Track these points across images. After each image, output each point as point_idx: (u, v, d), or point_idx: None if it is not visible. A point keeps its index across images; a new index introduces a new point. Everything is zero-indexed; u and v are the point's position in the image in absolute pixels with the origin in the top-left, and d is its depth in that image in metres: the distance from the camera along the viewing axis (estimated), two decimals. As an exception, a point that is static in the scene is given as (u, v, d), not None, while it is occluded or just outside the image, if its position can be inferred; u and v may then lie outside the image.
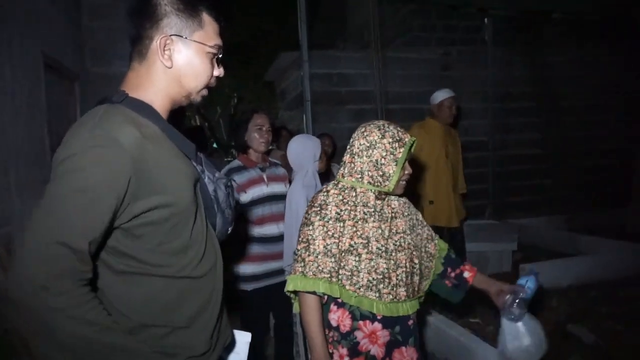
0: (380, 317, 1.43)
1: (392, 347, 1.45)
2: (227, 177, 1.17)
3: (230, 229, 1.15)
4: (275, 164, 2.43)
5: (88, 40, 3.89)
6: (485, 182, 5.32)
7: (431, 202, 3.43)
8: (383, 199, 1.48)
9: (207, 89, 1.06)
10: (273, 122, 2.45)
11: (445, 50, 5.36)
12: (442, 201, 3.42)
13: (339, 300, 1.42)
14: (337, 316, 1.44)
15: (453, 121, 3.58)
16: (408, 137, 1.46)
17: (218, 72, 1.05)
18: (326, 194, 1.45)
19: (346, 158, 1.50)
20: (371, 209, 1.44)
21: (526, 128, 5.63)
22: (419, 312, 1.55)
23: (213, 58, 1.03)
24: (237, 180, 2.22)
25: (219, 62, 1.06)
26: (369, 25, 4.92)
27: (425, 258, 1.60)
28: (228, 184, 1.14)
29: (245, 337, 1.29)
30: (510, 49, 5.54)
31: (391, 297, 1.41)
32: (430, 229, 1.67)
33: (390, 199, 1.51)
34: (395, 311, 1.42)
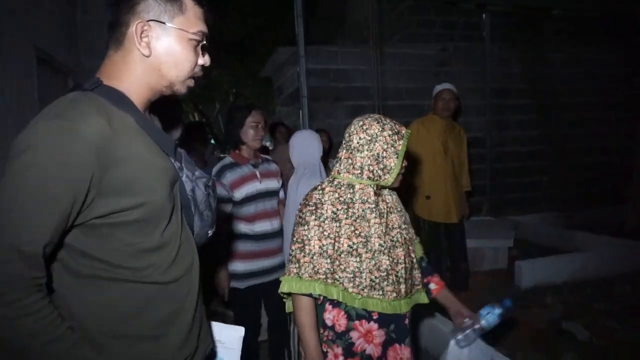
0: (376, 317, 1.40)
1: (387, 346, 1.44)
2: (209, 177, 1.08)
3: (210, 232, 1.08)
4: (267, 160, 2.42)
5: (82, 34, 3.85)
6: (482, 179, 5.30)
7: (428, 197, 3.42)
8: (378, 195, 1.45)
9: (194, 79, 0.98)
10: (266, 119, 2.44)
11: (443, 46, 5.33)
12: (439, 197, 3.40)
13: (335, 299, 1.39)
14: (333, 316, 1.42)
15: (452, 115, 3.56)
16: (404, 129, 1.44)
17: (203, 61, 0.97)
18: (321, 192, 1.41)
19: (342, 154, 1.46)
20: (372, 205, 1.40)
21: (524, 125, 5.61)
22: (412, 309, 1.53)
23: (197, 46, 0.95)
24: (230, 177, 2.20)
25: (205, 50, 0.98)
26: (367, 21, 4.88)
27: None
28: (208, 184, 1.06)
29: (239, 332, 1.28)
30: (508, 46, 5.52)
31: (395, 295, 1.38)
32: (412, 229, 1.64)
33: (384, 194, 1.48)
34: (398, 308, 1.39)
